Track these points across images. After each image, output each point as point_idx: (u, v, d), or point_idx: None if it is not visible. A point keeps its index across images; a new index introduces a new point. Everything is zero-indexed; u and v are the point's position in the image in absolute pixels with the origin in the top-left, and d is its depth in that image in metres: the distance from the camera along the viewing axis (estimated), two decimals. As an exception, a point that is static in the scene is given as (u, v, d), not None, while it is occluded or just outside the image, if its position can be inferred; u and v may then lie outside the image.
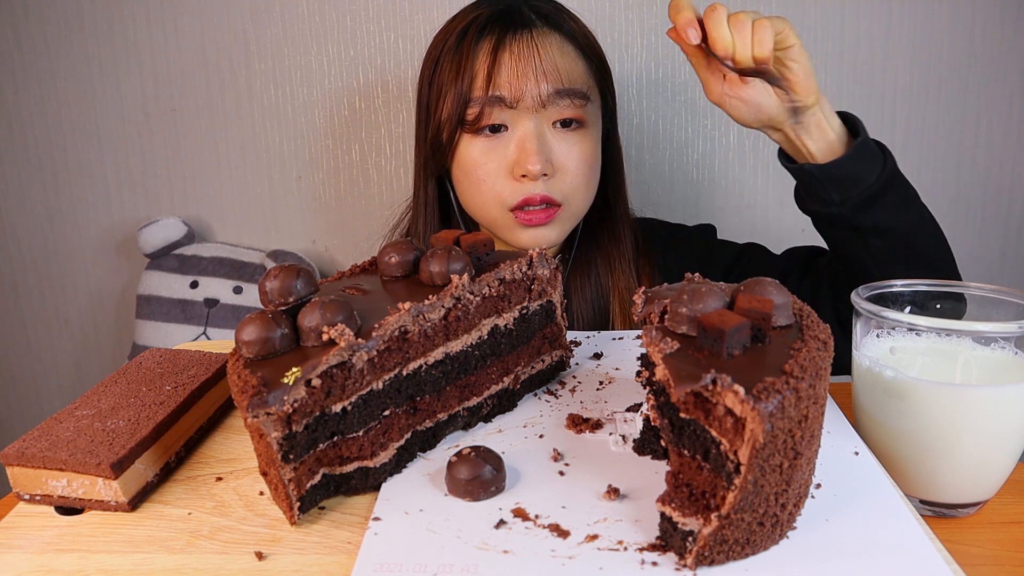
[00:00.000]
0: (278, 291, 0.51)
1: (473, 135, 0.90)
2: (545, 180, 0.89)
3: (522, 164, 0.87)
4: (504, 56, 0.87)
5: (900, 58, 1.23)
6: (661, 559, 0.42)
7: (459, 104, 0.88)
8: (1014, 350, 0.55)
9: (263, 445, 0.46)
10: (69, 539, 0.48)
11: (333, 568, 0.43)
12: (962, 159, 1.27)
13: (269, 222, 1.41)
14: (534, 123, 0.88)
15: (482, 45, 0.88)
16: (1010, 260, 1.31)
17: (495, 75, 0.87)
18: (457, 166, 0.93)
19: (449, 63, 0.90)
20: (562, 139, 0.90)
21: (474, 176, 0.91)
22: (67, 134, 1.38)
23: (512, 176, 0.89)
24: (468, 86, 0.88)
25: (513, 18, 0.89)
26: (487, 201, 0.92)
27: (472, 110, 0.88)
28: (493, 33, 0.88)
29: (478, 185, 0.91)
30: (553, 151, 0.89)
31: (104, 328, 1.49)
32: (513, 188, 0.89)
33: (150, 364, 0.64)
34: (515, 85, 0.86)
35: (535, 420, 0.59)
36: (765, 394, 0.38)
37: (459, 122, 0.89)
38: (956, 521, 0.55)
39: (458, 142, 0.91)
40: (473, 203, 0.94)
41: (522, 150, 0.88)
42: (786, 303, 0.47)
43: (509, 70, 0.87)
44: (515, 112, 0.88)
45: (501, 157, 0.89)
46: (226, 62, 1.33)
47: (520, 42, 0.87)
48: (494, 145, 0.90)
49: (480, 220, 0.97)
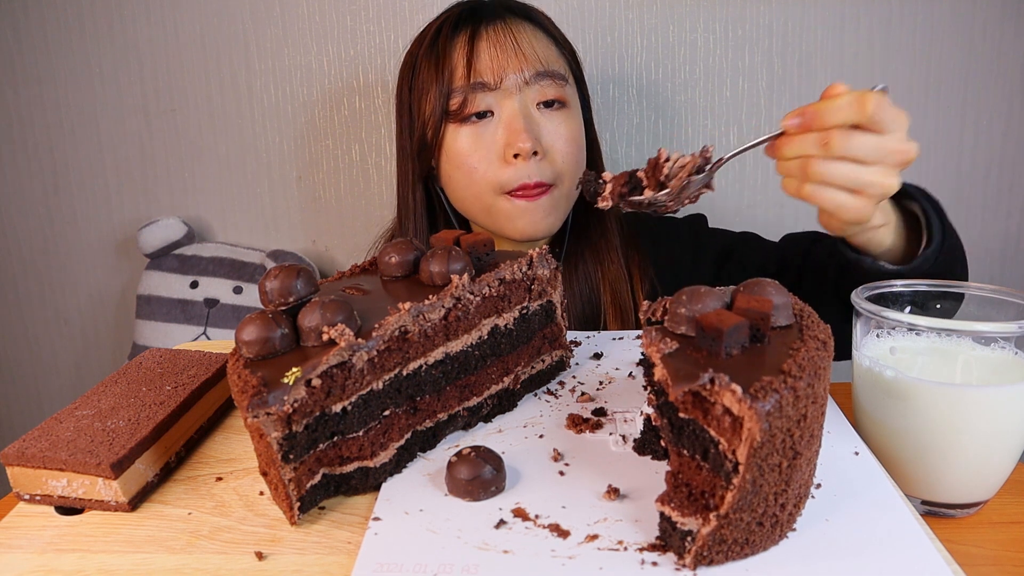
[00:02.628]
0: (278, 291, 0.51)
1: (458, 124, 0.90)
2: (536, 161, 0.89)
3: (512, 144, 0.88)
4: (481, 44, 0.89)
5: (900, 58, 1.23)
6: (661, 559, 0.42)
7: (442, 97, 0.89)
8: (1014, 350, 0.55)
9: (263, 445, 0.46)
10: (69, 539, 0.48)
11: (333, 568, 0.43)
12: (962, 159, 1.27)
13: (269, 222, 1.41)
14: (519, 103, 0.89)
15: (458, 38, 0.90)
16: (1010, 260, 1.31)
17: (475, 62, 0.88)
18: (446, 160, 0.93)
19: (427, 62, 0.91)
20: (548, 119, 0.91)
21: (465, 165, 0.91)
22: (67, 134, 1.38)
23: (504, 160, 0.89)
24: (449, 78, 0.89)
25: (484, 11, 0.91)
26: (481, 190, 0.91)
27: (455, 99, 0.89)
28: (467, 26, 0.90)
29: (470, 174, 0.91)
30: (541, 130, 0.90)
31: (104, 328, 1.49)
32: (507, 172, 0.89)
33: (150, 364, 0.64)
34: (495, 68, 0.88)
35: (535, 420, 0.59)
36: (762, 393, 0.38)
37: (443, 114, 0.90)
38: (956, 521, 0.55)
39: (444, 136, 0.91)
40: (467, 195, 0.94)
41: (511, 130, 0.88)
42: (785, 303, 0.47)
43: (488, 55, 0.88)
44: (498, 95, 0.89)
45: (490, 142, 0.89)
46: (226, 62, 1.33)
47: (495, 30, 0.89)
48: (481, 131, 0.90)
49: (474, 214, 0.96)
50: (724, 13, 1.23)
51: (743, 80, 1.26)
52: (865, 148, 0.58)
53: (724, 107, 1.28)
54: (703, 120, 1.29)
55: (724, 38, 1.24)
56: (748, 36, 1.24)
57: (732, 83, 1.26)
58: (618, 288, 0.97)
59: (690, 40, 1.25)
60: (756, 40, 1.24)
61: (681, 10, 1.24)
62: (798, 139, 0.59)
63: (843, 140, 0.58)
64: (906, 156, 0.59)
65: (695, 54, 1.26)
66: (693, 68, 1.26)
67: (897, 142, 0.59)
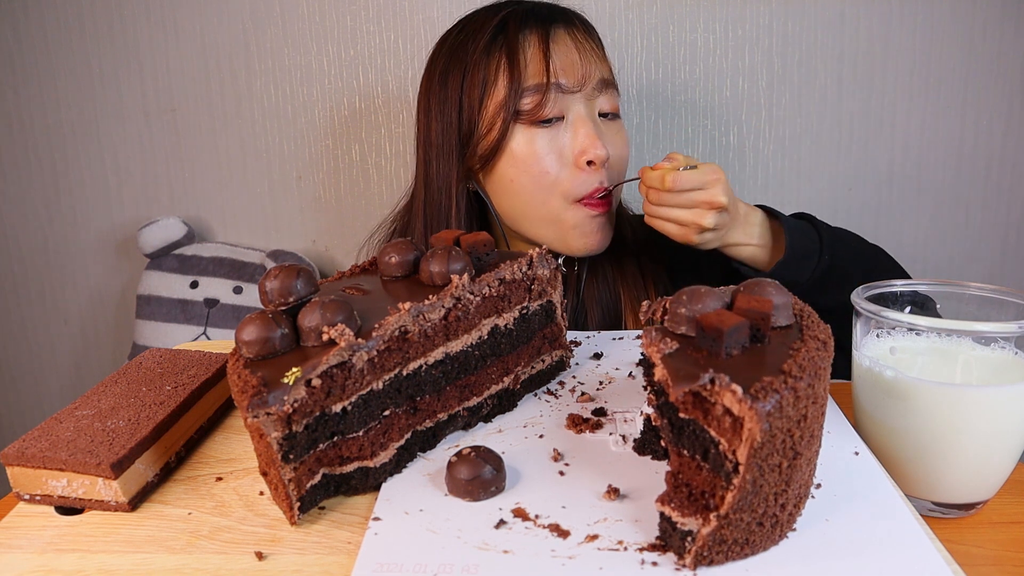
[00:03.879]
0: (278, 291, 0.51)
1: (529, 126, 0.87)
2: (606, 169, 0.88)
3: (588, 151, 0.86)
4: (557, 45, 0.87)
5: (900, 58, 1.23)
6: (661, 559, 0.42)
7: (514, 95, 0.86)
8: (1014, 350, 0.55)
9: (263, 445, 0.46)
10: (69, 539, 0.48)
11: (333, 568, 0.43)
12: (962, 159, 1.27)
13: (269, 222, 1.41)
14: (587, 111, 0.88)
15: (530, 36, 0.87)
16: (1010, 260, 1.31)
17: (552, 62, 0.86)
18: (509, 163, 0.88)
19: (491, 58, 0.87)
20: (608, 128, 0.90)
21: (535, 169, 0.87)
22: (67, 134, 1.38)
23: (576, 165, 0.87)
24: (523, 75, 0.86)
25: (552, 13, 0.90)
26: (550, 196, 0.88)
27: (530, 99, 0.86)
28: (538, 24, 0.88)
29: (539, 179, 0.88)
30: (605, 139, 0.88)
31: (104, 328, 1.49)
32: (577, 178, 0.87)
33: (150, 364, 0.64)
34: (575, 71, 0.86)
35: (535, 420, 0.59)
36: (763, 393, 0.38)
37: (513, 113, 0.86)
38: (956, 521, 0.55)
39: (509, 137, 0.88)
40: (530, 200, 0.90)
41: (587, 136, 0.86)
42: (786, 303, 0.47)
43: (564, 57, 0.86)
44: (572, 99, 0.87)
45: (561, 146, 0.87)
46: (226, 62, 1.33)
47: (571, 33, 0.88)
48: (551, 135, 0.87)
49: (531, 221, 0.92)
50: (724, 13, 1.23)
51: (743, 80, 1.26)
52: (679, 199, 0.77)
53: (724, 107, 1.28)
54: (703, 120, 1.29)
55: (724, 38, 1.24)
56: (748, 36, 1.24)
57: (732, 83, 1.26)
58: (636, 294, 0.97)
59: (690, 40, 1.25)
60: (756, 40, 1.24)
61: (681, 10, 1.24)
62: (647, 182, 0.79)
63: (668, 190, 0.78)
64: (711, 204, 0.77)
65: (695, 54, 1.26)
66: (693, 68, 1.26)
67: (703, 195, 0.77)
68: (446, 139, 0.92)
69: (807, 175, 1.29)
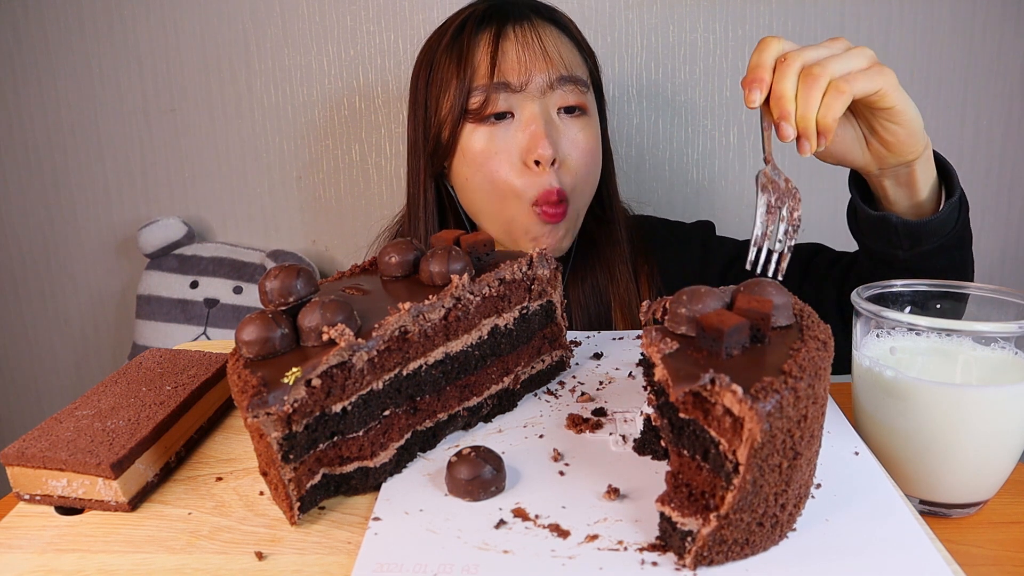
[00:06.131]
0: (278, 291, 0.51)
1: (477, 124, 0.87)
2: (555, 169, 0.87)
3: (532, 150, 0.85)
4: (507, 43, 0.86)
5: (900, 58, 1.23)
6: (661, 559, 0.42)
7: (462, 95, 0.86)
8: (1014, 350, 0.55)
9: (263, 445, 0.46)
10: (69, 539, 0.48)
11: (333, 568, 0.43)
12: (962, 159, 1.27)
13: (269, 222, 1.41)
14: (540, 107, 0.87)
15: (482, 36, 0.87)
16: (1010, 260, 1.31)
17: (499, 61, 0.85)
18: (463, 162, 0.89)
19: (447, 58, 0.89)
20: (568, 125, 0.89)
21: (485, 168, 0.87)
22: (67, 134, 1.38)
23: (524, 165, 0.87)
24: (471, 75, 0.86)
25: (511, 10, 0.89)
26: (503, 195, 0.88)
27: (476, 98, 0.86)
28: (492, 24, 0.88)
29: (491, 178, 0.87)
30: (560, 137, 0.87)
31: (104, 328, 1.49)
32: (527, 179, 0.87)
33: (150, 364, 0.64)
34: (520, 69, 0.85)
35: (535, 420, 0.59)
36: (763, 394, 0.38)
37: (462, 112, 0.87)
38: (956, 521, 0.55)
39: (460, 135, 0.88)
40: (486, 198, 0.90)
41: (531, 135, 0.86)
42: (786, 303, 0.47)
43: (513, 56, 0.86)
44: (520, 97, 0.86)
45: (509, 145, 0.87)
46: (226, 62, 1.33)
47: (522, 30, 0.87)
48: (500, 133, 0.87)
49: (487, 218, 0.92)
50: (724, 13, 1.23)
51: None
52: (824, 51, 0.62)
53: (724, 107, 1.28)
54: (703, 120, 1.29)
55: (724, 38, 1.24)
56: (748, 36, 1.24)
57: (732, 83, 1.26)
58: (627, 298, 0.96)
59: (690, 40, 1.25)
60: (756, 40, 1.23)
61: (681, 10, 1.24)
62: (779, 83, 0.62)
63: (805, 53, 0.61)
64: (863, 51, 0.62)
65: (695, 54, 1.26)
66: (693, 68, 1.26)
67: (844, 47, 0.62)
68: (417, 137, 0.94)
69: (807, 175, 1.29)
